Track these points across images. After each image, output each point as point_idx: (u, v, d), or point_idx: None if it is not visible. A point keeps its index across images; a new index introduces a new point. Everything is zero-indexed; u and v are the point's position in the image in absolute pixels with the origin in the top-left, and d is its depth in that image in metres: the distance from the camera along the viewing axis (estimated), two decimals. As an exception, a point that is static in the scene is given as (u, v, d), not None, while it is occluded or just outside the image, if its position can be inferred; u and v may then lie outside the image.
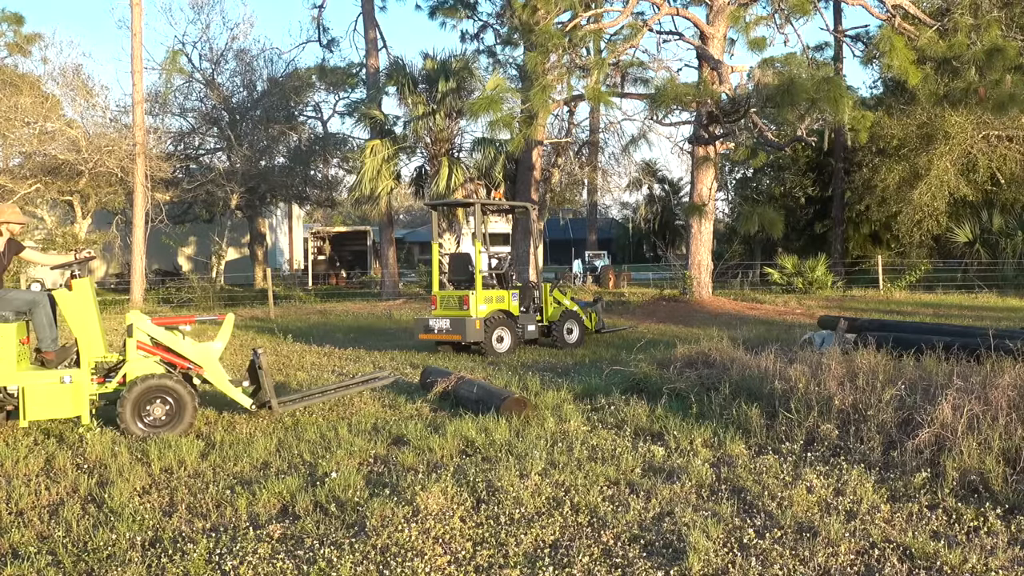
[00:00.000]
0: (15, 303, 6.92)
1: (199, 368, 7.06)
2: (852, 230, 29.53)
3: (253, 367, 7.36)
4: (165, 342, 7.05)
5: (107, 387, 6.97)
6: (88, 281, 7.00)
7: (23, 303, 6.96)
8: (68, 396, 6.68)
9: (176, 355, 7.06)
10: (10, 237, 7.20)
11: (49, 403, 6.64)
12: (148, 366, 6.93)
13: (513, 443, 6.12)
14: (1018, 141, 24.72)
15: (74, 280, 6.93)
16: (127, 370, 6.90)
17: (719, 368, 8.10)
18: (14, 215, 7.19)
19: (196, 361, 7.08)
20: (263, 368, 7.15)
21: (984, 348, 7.44)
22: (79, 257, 7.13)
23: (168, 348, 7.06)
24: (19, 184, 22.77)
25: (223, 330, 7.40)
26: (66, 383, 6.68)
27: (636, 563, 3.97)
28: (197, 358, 7.09)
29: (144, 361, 6.95)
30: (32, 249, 7.64)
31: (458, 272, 12.82)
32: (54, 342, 6.97)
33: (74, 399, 6.70)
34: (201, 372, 7.07)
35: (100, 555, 4.17)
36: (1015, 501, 4.63)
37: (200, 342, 7.26)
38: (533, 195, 23.00)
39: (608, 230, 50.92)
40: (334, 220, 49.22)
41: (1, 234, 7.13)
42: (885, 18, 19.17)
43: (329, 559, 4.02)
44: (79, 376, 6.75)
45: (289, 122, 32.92)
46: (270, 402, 7.10)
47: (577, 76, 20.80)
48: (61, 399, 6.66)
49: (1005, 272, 23.67)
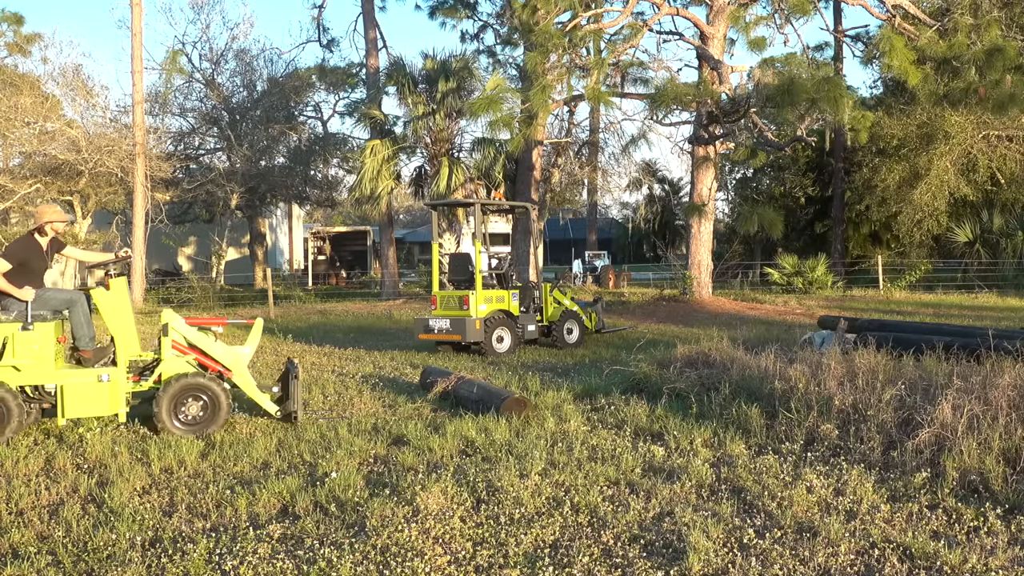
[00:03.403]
0: (53, 302, 7.01)
1: (228, 372, 7.12)
2: (852, 230, 29.52)
3: (286, 376, 7.40)
4: (198, 344, 7.11)
5: (142, 385, 7.03)
6: (124, 280, 7.06)
7: (61, 302, 7.05)
8: (106, 394, 6.74)
9: (208, 357, 7.12)
10: (53, 236, 7.28)
11: (87, 401, 6.70)
12: (182, 365, 6.99)
13: (513, 443, 6.12)
14: (1018, 141, 24.71)
15: (111, 279, 6.98)
16: (162, 369, 6.96)
17: (719, 368, 8.10)
18: (57, 215, 7.27)
19: (226, 364, 7.14)
20: (297, 379, 7.19)
21: (984, 348, 7.44)
22: (119, 256, 7.20)
23: (200, 350, 7.11)
24: (19, 184, 22.76)
25: (253, 334, 7.46)
26: (104, 381, 6.74)
27: (636, 563, 3.97)
28: (227, 361, 7.15)
29: (178, 360, 7.01)
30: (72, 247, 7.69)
31: (458, 272, 12.81)
32: (91, 341, 7.05)
33: (111, 397, 6.76)
34: (230, 376, 7.12)
35: (100, 555, 4.17)
36: (1015, 501, 4.63)
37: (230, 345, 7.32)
38: (533, 195, 22.99)
39: (608, 230, 50.93)
40: (334, 220, 49.19)
41: (45, 233, 7.22)
42: (885, 18, 19.16)
43: (329, 559, 4.02)
44: (116, 374, 6.80)
45: (289, 122, 32.91)
46: (295, 413, 7.13)
47: (577, 76, 20.78)
48: (99, 397, 6.72)
49: (1005, 272, 23.66)
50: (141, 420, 6.99)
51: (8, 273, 6.77)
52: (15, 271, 6.83)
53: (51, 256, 7.27)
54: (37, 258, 7.07)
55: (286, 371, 7.43)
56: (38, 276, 7.07)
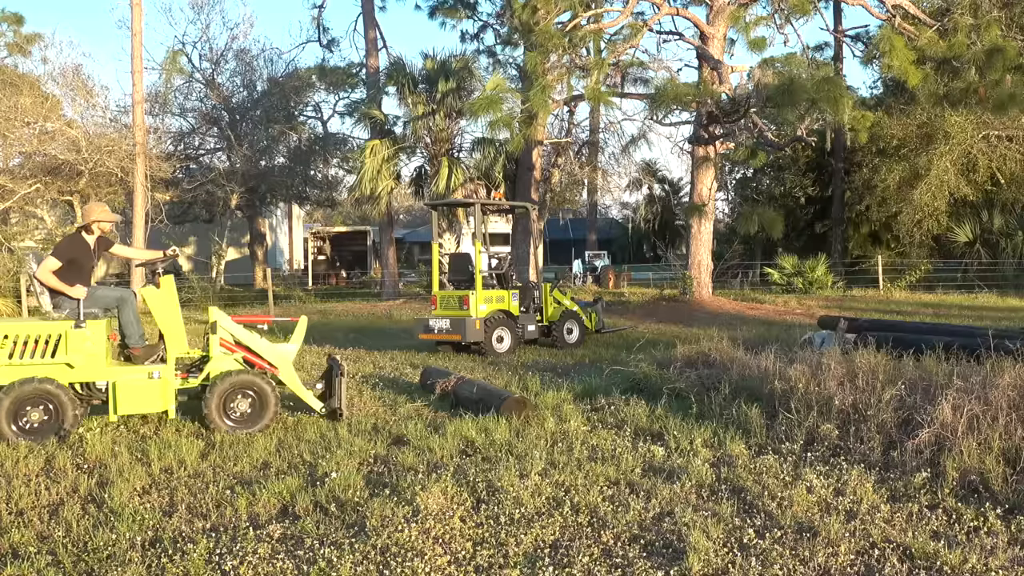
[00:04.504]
0: (104, 300, 7.08)
1: (274, 369, 7.17)
2: (852, 230, 29.51)
3: (330, 373, 7.43)
4: (245, 341, 7.16)
5: (190, 383, 7.07)
6: (171, 278, 7.12)
7: (112, 300, 7.13)
8: (157, 391, 6.81)
9: (254, 354, 7.17)
10: (100, 235, 7.33)
11: (138, 398, 6.77)
12: (230, 363, 7.05)
13: (513, 443, 6.12)
14: (1018, 141, 24.71)
15: (160, 277, 7.04)
16: (211, 367, 7.00)
17: (719, 368, 8.10)
18: (104, 214, 7.33)
19: (272, 361, 7.18)
20: (343, 376, 7.23)
21: (984, 348, 7.44)
22: (167, 254, 7.26)
23: (247, 347, 7.16)
24: (19, 184, 22.74)
25: (297, 332, 7.49)
26: (155, 379, 6.81)
27: (636, 563, 3.97)
28: (273, 358, 7.19)
29: (226, 358, 7.07)
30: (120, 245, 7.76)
31: (458, 272, 12.81)
32: (141, 338, 7.13)
33: (162, 394, 6.83)
34: (276, 373, 7.16)
35: (100, 555, 4.17)
36: (1015, 501, 4.63)
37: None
38: (533, 195, 22.99)
39: (608, 230, 50.84)
40: (334, 220, 49.18)
41: (92, 232, 7.27)
42: (885, 18, 19.16)
43: (329, 559, 4.02)
44: (166, 372, 6.87)
45: (289, 122, 32.91)
46: (340, 409, 7.17)
47: (577, 76, 20.79)
48: (150, 394, 6.80)
49: (1005, 272, 23.67)
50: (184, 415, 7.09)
51: (57, 271, 6.85)
52: (64, 269, 6.91)
53: (99, 254, 7.35)
54: (85, 256, 7.16)
55: (329, 368, 7.49)
56: (87, 274, 7.15)
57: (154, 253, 7.55)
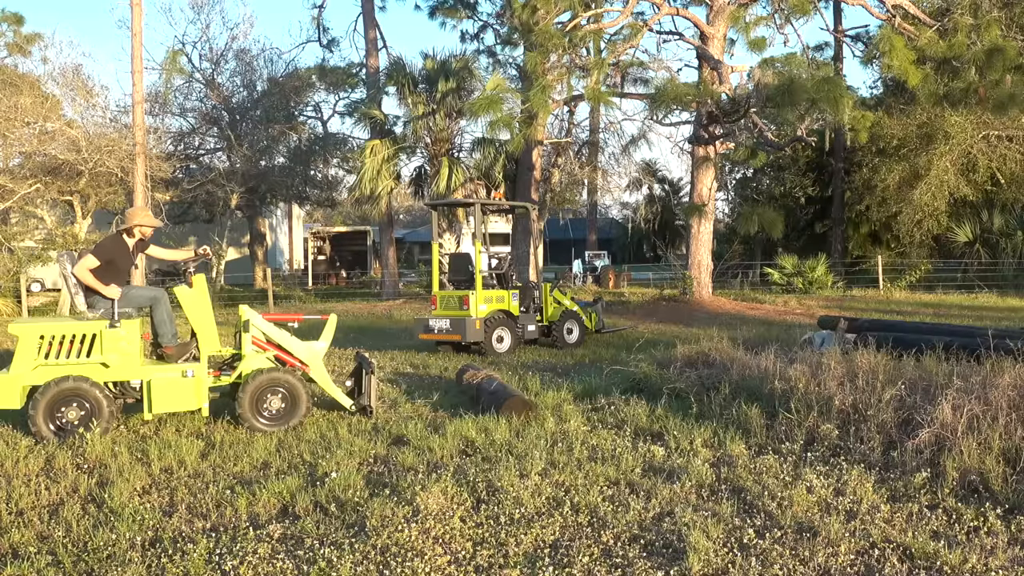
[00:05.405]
0: (138, 299, 7.15)
1: (305, 367, 7.23)
2: (852, 230, 29.52)
3: (359, 370, 7.50)
4: (276, 339, 7.21)
5: (222, 381, 7.12)
6: (203, 277, 7.16)
7: (145, 299, 7.20)
8: (191, 389, 6.86)
9: (286, 352, 7.22)
10: (140, 238, 7.39)
11: (173, 396, 6.82)
12: (262, 361, 7.11)
13: (513, 443, 6.12)
14: (1018, 141, 24.71)
15: (192, 276, 7.08)
16: (243, 365, 7.05)
17: (719, 368, 8.10)
18: (147, 219, 7.42)
19: (303, 359, 7.25)
20: (372, 373, 7.29)
21: (984, 348, 7.44)
22: (199, 253, 7.32)
23: (278, 345, 7.22)
24: (19, 184, 22.74)
25: (327, 330, 7.56)
26: (188, 377, 6.85)
27: (636, 563, 3.97)
28: (304, 356, 7.26)
29: (258, 356, 7.13)
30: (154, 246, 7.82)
31: (458, 272, 12.81)
32: (174, 337, 7.17)
33: (196, 392, 6.88)
34: (307, 370, 7.22)
35: (100, 555, 4.17)
36: (1015, 501, 4.62)
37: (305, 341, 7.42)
38: (533, 195, 22.98)
39: (608, 230, 50.86)
40: (334, 220, 49.20)
41: (133, 235, 7.33)
42: (885, 18, 19.16)
43: (329, 559, 4.02)
44: (199, 370, 6.92)
45: (289, 122, 32.90)
46: (370, 406, 7.24)
47: (577, 76, 20.78)
48: (184, 392, 6.84)
49: (1005, 272, 23.66)
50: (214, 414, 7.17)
51: (95, 271, 6.90)
52: (102, 269, 6.96)
53: (135, 255, 7.41)
54: (124, 258, 7.23)
55: (358, 366, 7.55)
56: (123, 275, 7.23)
57: (185, 253, 7.64)
